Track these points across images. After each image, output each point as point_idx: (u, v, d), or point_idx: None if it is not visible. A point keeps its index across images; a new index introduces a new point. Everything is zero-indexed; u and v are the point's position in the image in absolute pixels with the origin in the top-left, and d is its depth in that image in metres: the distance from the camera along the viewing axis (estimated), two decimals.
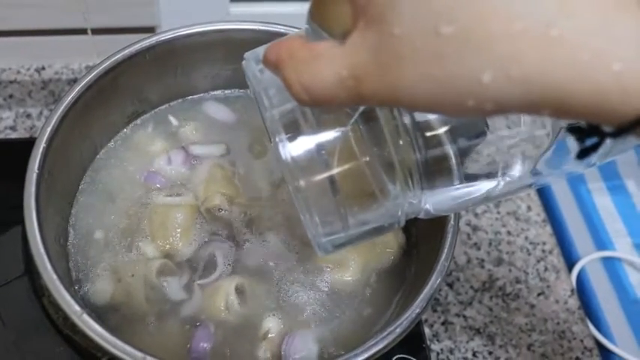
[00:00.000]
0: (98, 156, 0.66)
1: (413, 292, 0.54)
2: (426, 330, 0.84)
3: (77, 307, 0.50)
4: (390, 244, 0.63)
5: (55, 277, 0.51)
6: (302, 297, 0.60)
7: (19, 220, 0.53)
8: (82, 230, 0.62)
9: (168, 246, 0.61)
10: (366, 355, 0.49)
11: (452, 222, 0.56)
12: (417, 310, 0.52)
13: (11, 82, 0.93)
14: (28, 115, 0.95)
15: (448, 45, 0.28)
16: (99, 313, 0.57)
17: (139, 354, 0.48)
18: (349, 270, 0.61)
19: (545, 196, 1.02)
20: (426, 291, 0.53)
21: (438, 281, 0.53)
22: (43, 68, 0.94)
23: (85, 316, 0.49)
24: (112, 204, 0.64)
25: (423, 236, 0.62)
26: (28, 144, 0.54)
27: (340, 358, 0.49)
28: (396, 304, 0.59)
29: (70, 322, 0.51)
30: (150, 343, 0.55)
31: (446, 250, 0.54)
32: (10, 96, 0.95)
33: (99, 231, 0.62)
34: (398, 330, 0.51)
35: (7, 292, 0.53)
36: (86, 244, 0.61)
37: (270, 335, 0.57)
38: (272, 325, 0.58)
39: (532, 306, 0.90)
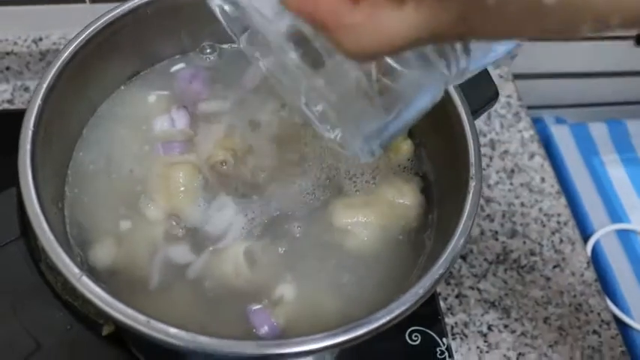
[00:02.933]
0: (96, 115, 0.61)
1: (434, 255, 0.49)
2: (440, 303, 0.80)
3: (76, 269, 0.45)
4: (409, 205, 0.58)
5: (52, 237, 0.47)
6: (317, 261, 0.55)
7: (15, 182, 0.49)
8: (79, 193, 0.57)
9: (171, 207, 0.56)
10: (388, 318, 0.45)
11: (474, 180, 0.51)
12: (441, 271, 0.47)
13: (8, 53, 0.88)
14: (26, 89, 0.91)
15: None
16: (100, 279, 0.53)
17: (143, 317, 0.43)
18: (367, 232, 0.56)
19: (558, 168, 0.98)
20: (450, 250, 0.48)
21: (462, 241, 0.49)
22: (41, 39, 0.89)
23: (85, 278, 0.45)
24: (111, 165, 0.59)
25: (444, 195, 0.58)
26: None
27: (362, 320, 0.44)
28: (417, 268, 0.54)
29: (69, 286, 0.46)
30: (154, 308, 0.50)
31: (468, 208, 0.50)
32: (7, 68, 0.90)
33: (98, 194, 0.57)
34: (421, 291, 0.46)
35: (2, 257, 0.48)
36: (85, 207, 0.56)
37: (283, 301, 0.53)
38: (286, 291, 0.53)
39: (547, 278, 0.85)
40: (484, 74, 0.60)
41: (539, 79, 1.09)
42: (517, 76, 1.03)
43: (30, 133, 0.51)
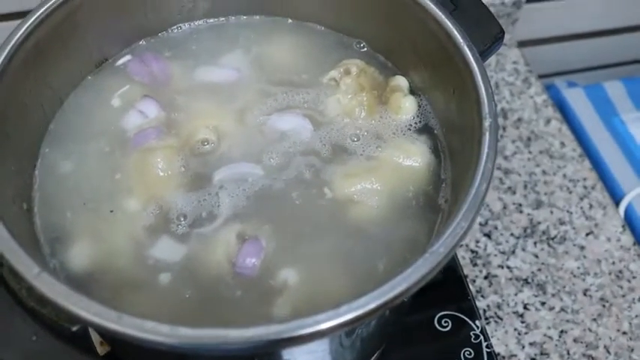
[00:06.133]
0: (62, 109, 0.53)
1: (451, 219, 0.41)
2: (470, 287, 0.71)
3: (35, 267, 0.37)
4: (418, 166, 0.50)
5: (8, 235, 0.39)
6: (320, 238, 0.47)
7: None
8: (48, 191, 0.49)
9: (151, 196, 0.48)
10: (408, 283, 0.36)
11: (488, 118, 0.43)
12: (464, 224, 0.39)
13: None
14: None
15: None
16: (80, 284, 0.45)
17: (113, 313, 0.35)
18: (374, 199, 0.48)
19: (577, 132, 0.89)
20: (471, 199, 0.39)
21: (484, 187, 0.40)
22: None
23: (45, 275, 0.37)
24: (83, 161, 0.51)
25: (455, 149, 0.50)
26: None
27: (384, 286, 0.36)
28: (435, 236, 0.46)
29: (35, 292, 0.38)
30: (141, 310, 0.42)
31: (486, 150, 0.41)
32: None
33: (70, 192, 0.49)
34: (442, 249, 0.38)
35: None
36: (54, 206, 0.49)
37: (287, 287, 0.44)
38: (289, 275, 0.45)
39: (582, 247, 0.76)
40: (484, 12, 0.52)
41: (545, 45, 1.01)
42: (522, 44, 0.95)
43: None
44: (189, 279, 0.45)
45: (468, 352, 0.62)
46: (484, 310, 0.71)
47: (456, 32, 0.48)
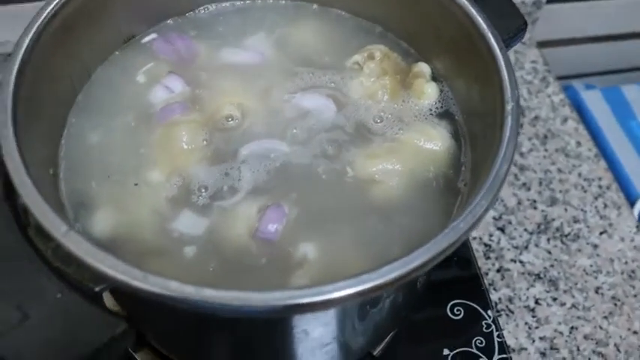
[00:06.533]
0: (91, 81, 0.54)
1: (472, 197, 0.41)
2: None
3: (63, 225, 0.38)
4: (438, 150, 0.50)
5: (37, 194, 0.40)
6: (340, 215, 0.47)
7: None
8: (74, 159, 0.50)
9: (174, 168, 0.49)
10: (428, 256, 0.37)
11: (510, 102, 0.43)
12: (484, 203, 0.39)
13: None
14: None
15: None
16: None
17: (139, 272, 0.36)
18: (395, 179, 0.48)
19: (593, 133, 0.89)
20: (492, 180, 0.40)
21: (505, 168, 0.40)
22: None
23: (72, 233, 0.38)
24: (109, 132, 0.52)
25: (476, 135, 0.50)
26: None
27: (403, 258, 0.36)
28: (453, 218, 0.46)
29: (60, 251, 0.39)
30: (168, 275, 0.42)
31: (508, 133, 0.42)
32: None
33: (95, 161, 0.50)
34: (462, 225, 0.38)
35: None
36: (79, 174, 0.49)
37: (306, 262, 0.45)
38: (308, 250, 0.45)
39: (595, 246, 0.76)
40: (507, 3, 0.52)
41: (564, 46, 1.01)
42: (541, 44, 0.95)
43: (10, 90, 0.44)
44: (212, 252, 0.46)
45: (479, 341, 0.63)
46: (495, 303, 0.71)
47: (480, 19, 0.48)
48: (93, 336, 0.37)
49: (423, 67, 0.54)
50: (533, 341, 0.69)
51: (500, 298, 0.72)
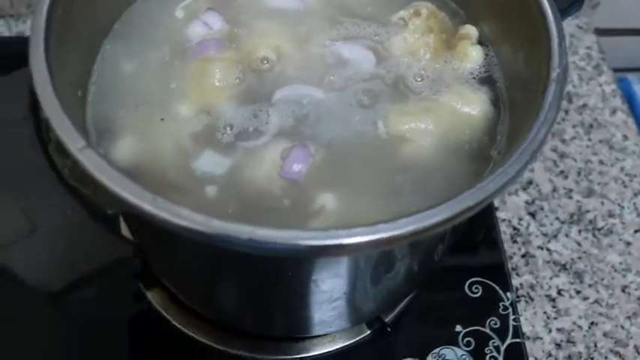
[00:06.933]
0: (129, 10, 0.53)
1: (505, 160, 0.39)
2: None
3: (81, 141, 0.37)
4: (475, 115, 0.48)
5: (59, 105, 0.39)
6: (365, 169, 0.45)
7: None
8: (104, 86, 0.49)
9: (204, 104, 0.48)
10: (450, 213, 0.35)
11: (556, 69, 0.41)
12: (516, 167, 0.37)
13: None
14: None
15: None
16: None
17: (148, 194, 0.35)
18: (426, 139, 0.47)
19: None
20: (528, 144, 0.38)
21: (542, 134, 0.38)
22: None
23: (89, 150, 0.37)
24: (142, 62, 0.51)
25: (517, 103, 0.48)
26: None
27: (423, 212, 0.34)
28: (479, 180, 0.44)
29: (77, 172, 0.38)
30: None
31: (550, 98, 0.40)
32: None
33: (123, 90, 0.49)
34: (491, 186, 0.36)
35: (7, 135, 0.41)
36: (107, 100, 0.49)
37: (325, 212, 0.44)
38: (327, 200, 0.44)
39: (628, 243, 0.73)
40: None
41: (622, 36, 0.96)
42: (599, 32, 0.91)
43: (45, 7, 0.43)
44: (233, 193, 0.45)
45: (493, 322, 0.61)
46: (516, 288, 0.69)
47: None
48: (98, 256, 0.37)
49: (470, 30, 0.52)
50: (550, 331, 0.67)
51: (521, 284, 0.69)
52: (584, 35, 0.89)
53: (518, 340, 0.61)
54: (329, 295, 0.44)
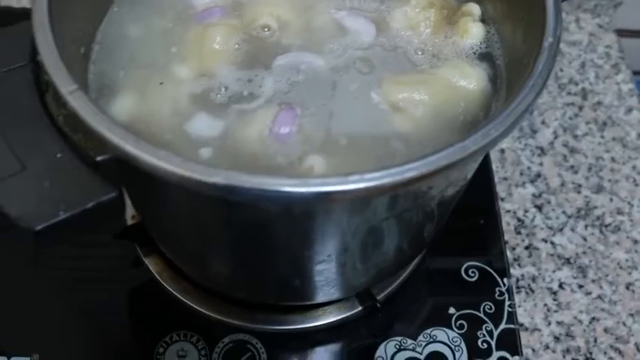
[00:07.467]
0: None
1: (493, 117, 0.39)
2: (507, 254, 0.68)
3: (73, 84, 0.38)
4: (472, 89, 0.48)
5: (54, 47, 0.40)
6: (356, 135, 0.45)
7: None
8: (107, 46, 0.50)
9: (203, 67, 0.48)
10: (434, 166, 0.35)
11: (549, 39, 0.41)
12: (500, 129, 0.37)
13: None
14: None
15: None
16: None
17: (132, 136, 0.36)
18: (420, 110, 0.46)
19: None
20: (514, 106, 0.37)
21: (530, 98, 0.38)
22: None
23: (80, 93, 0.38)
24: (147, 25, 0.52)
25: (514, 80, 0.47)
26: None
27: (415, 162, 0.34)
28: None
29: (71, 119, 0.39)
30: None
31: (540, 68, 0.39)
32: None
33: (128, 48, 0.50)
34: (492, 132, 0.36)
35: (6, 81, 0.42)
36: (109, 60, 0.50)
37: (312, 173, 0.44)
38: (315, 162, 0.44)
39: (635, 241, 0.72)
40: None
41: None
42: (620, 32, 0.90)
43: None
44: (227, 154, 0.45)
45: (488, 307, 0.60)
46: (517, 279, 0.68)
47: None
48: (82, 197, 0.38)
49: (473, 8, 0.52)
50: (549, 324, 0.66)
51: (523, 275, 0.69)
52: (604, 34, 0.88)
53: (512, 326, 0.60)
54: (313, 256, 0.44)
